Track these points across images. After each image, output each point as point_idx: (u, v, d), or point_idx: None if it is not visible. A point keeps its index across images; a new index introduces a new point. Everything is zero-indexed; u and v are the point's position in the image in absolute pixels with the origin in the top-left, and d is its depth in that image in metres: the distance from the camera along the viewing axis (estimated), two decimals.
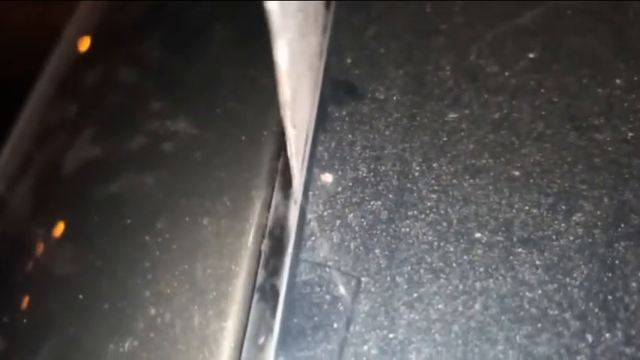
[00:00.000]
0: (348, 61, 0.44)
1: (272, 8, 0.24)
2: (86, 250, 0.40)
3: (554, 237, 0.37)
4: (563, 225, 0.37)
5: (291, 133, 0.32)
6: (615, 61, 0.43)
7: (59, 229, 0.43)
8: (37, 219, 0.44)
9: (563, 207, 0.38)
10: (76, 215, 0.43)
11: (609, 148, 0.40)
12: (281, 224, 0.40)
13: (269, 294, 0.37)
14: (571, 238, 0.37)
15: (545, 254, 0.36)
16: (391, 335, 0.35)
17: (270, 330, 0.36)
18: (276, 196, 0.40)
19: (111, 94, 0.48)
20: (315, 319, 0.36)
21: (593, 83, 0.42)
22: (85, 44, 0.52)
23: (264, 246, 0.38)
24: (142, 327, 0.36)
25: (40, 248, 0.42)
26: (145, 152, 0.43)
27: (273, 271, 0.38)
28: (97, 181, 0.43)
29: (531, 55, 0.43)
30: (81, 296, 0.39)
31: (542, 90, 0.42)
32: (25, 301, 0.40)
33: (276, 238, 0.39)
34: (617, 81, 0.42)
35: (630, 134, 0.40)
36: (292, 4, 0.28)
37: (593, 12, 0.45)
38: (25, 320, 0.38)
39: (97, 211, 0.42)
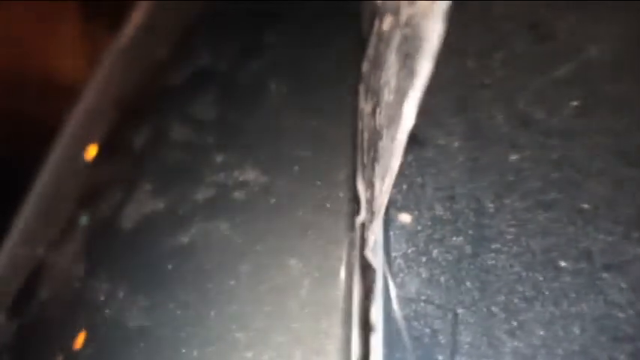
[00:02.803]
0: None
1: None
2: (162, 300, 0.39)
3: (633, 260, 0.39)
4: (639, 250, 0.39)
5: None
6: None
7: (125, 282, 0.41)
8: (95, 275, 0.43)
9: (636, 234, 0.40)
10: (143, 267, 0.41)
11: None
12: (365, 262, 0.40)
13: (366, 330, 0.36)
14: None
15: (629, 276, 0.38)
16: None
17: None
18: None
19: (167, 151, 0.48)
20: (418, 352, 0.35)
21: (635, 123, 0.45)
22: (131, 103, 0.52)
23: (355, 282, 0.38)
24: None
25: (105, 303, 0.41)
26: (215, 201, 0.43)
27: (366, 308, 0.37)
28: (165, 233, 0.42)
29: (575, 103, 0.47)
30: (163, 346, 0.37)
31: (591, 132, 0.45)
32: (104, 356, 0.37)
33: (364, 275, 0.39)
34: None
35: None
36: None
37: (618, 63, 0.49)
38: None
39: (169, 261, 0.40)
